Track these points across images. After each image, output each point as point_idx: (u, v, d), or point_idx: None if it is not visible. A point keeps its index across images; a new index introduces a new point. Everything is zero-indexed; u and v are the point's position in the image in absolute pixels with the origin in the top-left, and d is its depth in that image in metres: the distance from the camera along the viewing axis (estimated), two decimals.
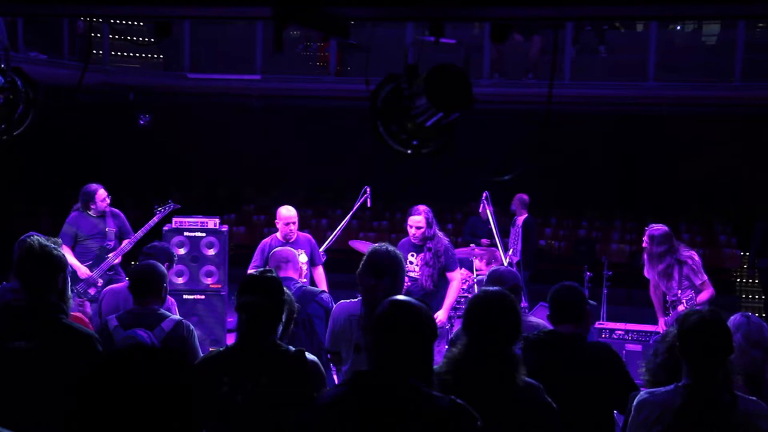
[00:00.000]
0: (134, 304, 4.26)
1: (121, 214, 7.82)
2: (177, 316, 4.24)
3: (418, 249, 6.63)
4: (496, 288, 3.28)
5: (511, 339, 2.98)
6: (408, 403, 2.45)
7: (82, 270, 7.38)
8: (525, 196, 10.23)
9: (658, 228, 6.76)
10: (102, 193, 7.61)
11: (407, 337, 2.55)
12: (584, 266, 9.60)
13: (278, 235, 7.21)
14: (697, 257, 6.80)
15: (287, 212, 7.16)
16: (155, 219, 7.71)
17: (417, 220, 6.53)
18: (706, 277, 6.74)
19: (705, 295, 6.74)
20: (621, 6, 3.58)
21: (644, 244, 6.85)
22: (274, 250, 5.46)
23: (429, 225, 6.53)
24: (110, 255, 7.51)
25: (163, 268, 4.39)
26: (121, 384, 1.51)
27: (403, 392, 2.47)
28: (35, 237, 3.46)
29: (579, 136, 13.27)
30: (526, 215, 10.19)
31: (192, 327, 4.21)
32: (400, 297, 2.72)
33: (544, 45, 11.53)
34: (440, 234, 6.69)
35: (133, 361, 1.57)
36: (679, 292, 6.72)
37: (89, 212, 7.59)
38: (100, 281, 7.47)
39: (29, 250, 3.36)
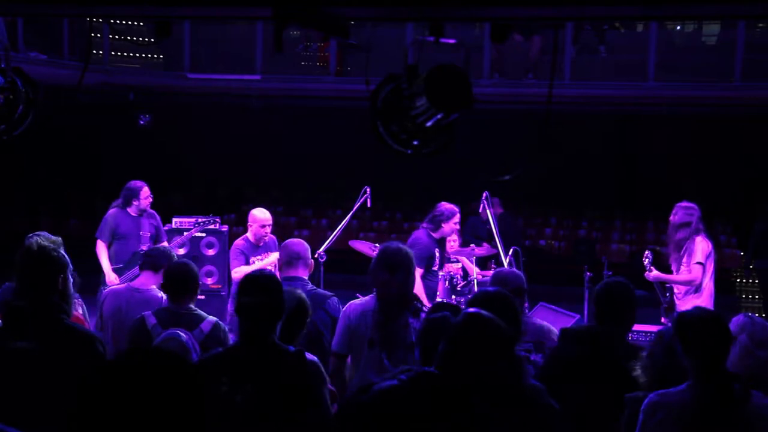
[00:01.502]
0: (170, 302, 4.29)
1: (158, 216, 7.77)
2: (213, 318, 4.25)
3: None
4: (494, 288, 3.28)
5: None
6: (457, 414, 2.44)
7: (111, 277, 7.26)
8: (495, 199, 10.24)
9: (688, 203, 6.86)
10: (146, 190, 7.57)
11: (485, 354, 2.58)
12: (584, 266, 9.60)
13: (249, 236, 7.09)
14: (707, 245, 6.75)
15: (263, 215, 7.09)
16: (194, 231, 7.74)
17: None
18: (702, 263, 6.66)
19: (682, 276, 6.70)
20: (621, 6, 3.59)
21: (670, 217, 6.87)
22: (286, 242, 5.23)
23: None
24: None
25: (196, 267, 4.41)
26: (125, 388, 1.51)
27: (457, 402, 2.45)
28: (35, 237, 3.46)
29: (579, 136, 13.26)
30: (501, 211, 10.25)
31: (227, 329, 4.22)
32: (485, 314, 2.72)
33: (544, 45, 11.52)
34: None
35: (137, 365, 1.56)
36: (682, 267, 6.73)
37: (129, 210, 7.53)
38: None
39: (27, 251, 3.36)
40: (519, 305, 3.14)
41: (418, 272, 6.56)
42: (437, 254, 7.04)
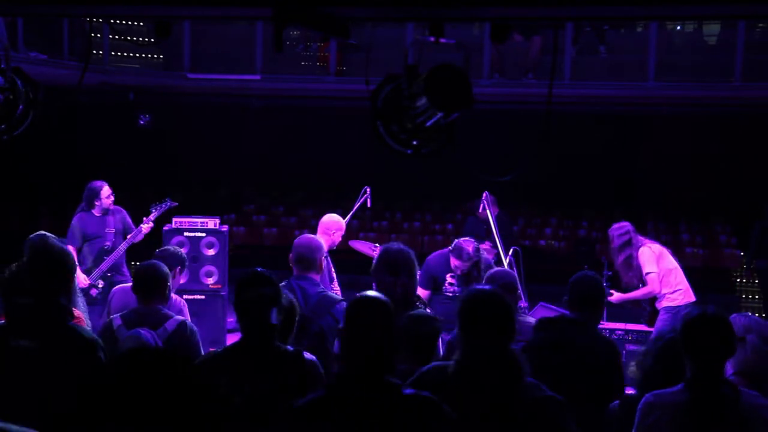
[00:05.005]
0: (138, 303, 4.29)
1: (123, 210, 7.88)
2: (180, 317, 4.26)
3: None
4: (485, 286, 3.30)
5: (505, 336, 2.96)
6: (386, 402, 2.48)
7: (81, 278, 7.39)
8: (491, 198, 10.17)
9: (617, 225, 6.94)
10: (107, 190, 7.68)
11: (382, 334, 2.62)
12: (584, 266, 9.59)
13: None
14: (652, 250, 6.76)
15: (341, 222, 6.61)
16: (151, 217, 7.71)
17: (457, 266, 6.41)
18: (655, 270, 6.67)
19: (641, 291, 6.71)
20: (621, 6, 3.59)
21: (611, 244, 6.94)
22: (297, 240, 4.88)
23: (470, 261, 6.42)
24: (107, 258, 7.51)
25: (166, 267, 4.42)
26: (127, 388, 1.51)
27: (381, 391, 2.50)
28: (48, 236, 3.47)
29: (579, 136, 13.26)
30: (498, 211, 10.21)
31: (195, 328, 4.23)
32: (370, 293, 2.76)
33: (544, 45, 11.52)
34: (484, 256, 6.67)
35: (138, 364, 1.56)
36: (640, 284, 6.75)
37: (93, 210, 7.63)
38: (101, 283, 7.47)
39: (41, 250, 3.37)
40: (507, 300, 3.14)
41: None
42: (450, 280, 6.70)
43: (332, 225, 6.53)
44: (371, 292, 2.78)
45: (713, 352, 2.95)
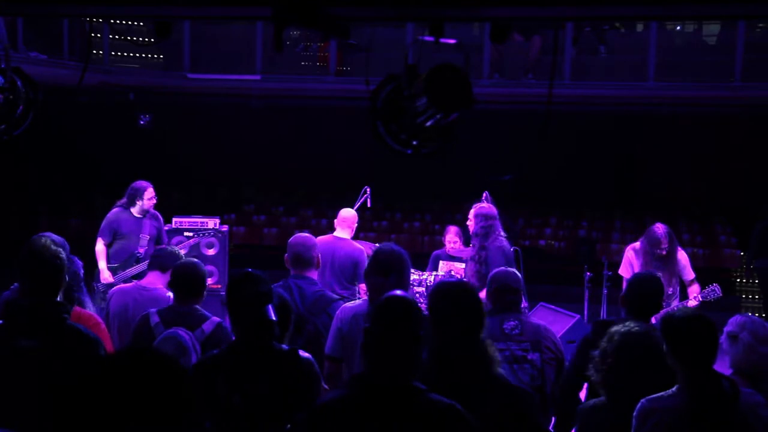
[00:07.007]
0: (175, 301, 4.30)
1: (160, 218, 7.77)
2: (217, 318, 4.23)
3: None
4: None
5: (474, 328, 2.97)
6: (409, 407, 2.46)
7: (105, 275, 7.30)
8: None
9: (660, 224, 6.89)
10: (151, 191, 7.55)
11: (406, 336, 2.57)
12: (584, 266, 9.59)
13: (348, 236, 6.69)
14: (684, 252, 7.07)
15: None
16: (191, 242, 7.75)
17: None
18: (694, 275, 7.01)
19: (697, 288, 6.90)
20: (621, 6, 3.59)
21: (665, 244, 6.83)
22: (293, 239, 4.81)
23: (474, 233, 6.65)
24: (136, 264, 7.43)
25: (204, 267, 4.44)
26: (112, 389, 1.51)
27: (406, 396, 2.48)
28: (42, 237, 3.47)
29: (579, 136, 13.27)
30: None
31: (230, 330, 4.22)
32: (398, 293, 2.74)
33: (544, 45, 11.52)
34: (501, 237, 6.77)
35: (128, 367, 1.56)
36: (670, 289, 6.82)
37: (133, 210, 7.53)
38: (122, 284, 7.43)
39: (34, 250, 3.36)
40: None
41: None
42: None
43: (354, 218, 6.82)
44: (399, 292, 2.76)
45: (702, 353, 2.96)
